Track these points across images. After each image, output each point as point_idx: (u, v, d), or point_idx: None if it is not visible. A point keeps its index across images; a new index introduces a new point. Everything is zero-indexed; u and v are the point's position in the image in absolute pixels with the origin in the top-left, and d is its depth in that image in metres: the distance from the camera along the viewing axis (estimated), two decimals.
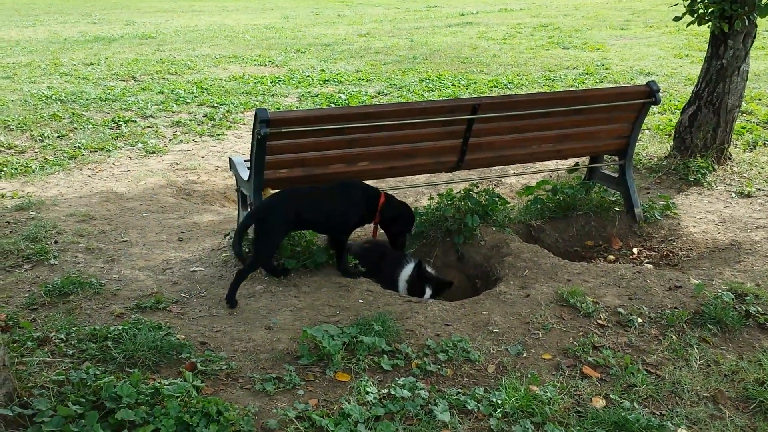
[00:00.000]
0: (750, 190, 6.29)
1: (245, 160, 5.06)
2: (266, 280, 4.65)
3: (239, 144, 8.41)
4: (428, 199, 5.85)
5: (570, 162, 6.63)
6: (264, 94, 10.92)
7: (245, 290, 4.55)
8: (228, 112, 9.81)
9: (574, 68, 12.56)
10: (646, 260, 5.36)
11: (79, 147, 7.96)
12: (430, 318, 4.19)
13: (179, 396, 3.22)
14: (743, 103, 7.37)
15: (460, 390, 3.52)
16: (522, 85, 11.33)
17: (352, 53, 14.84)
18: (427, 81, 11.64)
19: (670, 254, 5.38)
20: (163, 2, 28.47)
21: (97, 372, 3.42)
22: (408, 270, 4.86)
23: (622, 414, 3.31)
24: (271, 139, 4.51)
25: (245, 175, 4.90)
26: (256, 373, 3.62)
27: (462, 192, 5.55)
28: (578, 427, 3.24)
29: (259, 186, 4.74)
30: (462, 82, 11.50)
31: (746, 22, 6.38)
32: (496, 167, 6.69)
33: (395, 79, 11.93)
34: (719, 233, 5.53)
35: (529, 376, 3.64)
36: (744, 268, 4.90)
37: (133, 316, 4.14)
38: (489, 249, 5.27)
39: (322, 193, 4.67)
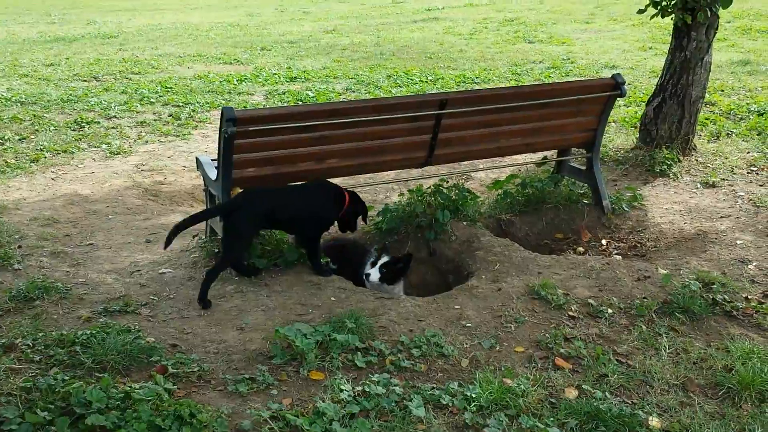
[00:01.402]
0: (714, 180, 6.38)
1: (212, 160, 5.01)
2: (237, 281, 4.61)
3: (206, 143, 8.33)
4: (398, 195, 5.85)
5: (538, 156, 6.67)
6: (230, 93, 10.83)
7: (216, 291, 4.50)
8: (194, 111, 9.72)
9: (540, 62, 12.64)
10: (615, 251, 5.41)
11: (41, 149, 7.82)
12: (402, 314, 4.19)
13: (150, 399, 3.17)
14: (707, 95, 7.48)
15: (434, 385, 3.52)
16: (489, 79, 11.37)
17: (319, 50, 14.79)
18: (395, 77, 11.64)
19: (638, 245, 5.44)
20: (125, 1, 28.10)
21: (66, 377, 3.37)
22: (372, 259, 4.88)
23: (595, 404, 3.33)
24: (238, 138, 4.47)
25: (213, 174, 4.85)
26: (228, 374, 3.59)
27: (432, 187, 5.56)
28: (552, 419, 3.26)
29: (228, 185, 4.70)
30: (429, 78, 11.52)
31: (708, 13, 6.46)
32: (465, 162, 6.70)
33: (363, 75, 11.91)
34: (685, 223, 5.60)
35: (503, 369, 3.66)
36: (710, 257, 4.97)
37: (101, 320, 4.08)
38: (460, 244, 5.28)
39: (294, 191, 4.67)
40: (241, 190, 4.89)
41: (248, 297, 4.42)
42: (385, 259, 4.79)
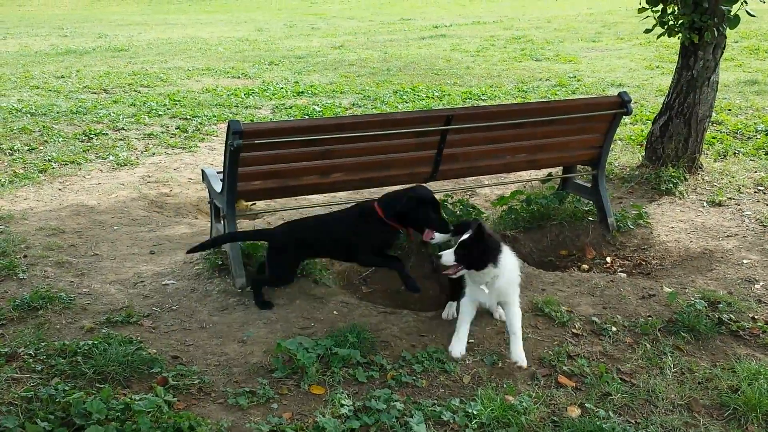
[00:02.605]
0: (721, 199, 6.36)
1: (218, 172, 5.03)
2: (239, 293, 4.60)
3: (212, 156, 8.35)
4: None
5: (544, 172, 6.66)
6: (237, 106, 10.86)
7: (218, 303, 4.50)
8: (201, 124, 9.74)
9: (546, 80, 12.66)
10: (620, 269, 5.39)
11: (49, 160, 7.85)
12: (405, 329, 4.18)
13: (150, 411, 3.17)
14: (713, 114, 7.46)
15: (435, 401, 3.50)
16: (495, 96, 11.39)
17: (326, 65, 14.84)
18: (401, 93, 11.66)
19: (643, 263, 5.41)
20: (135, 15, 28.31)
21: (67, 388, 3.37)
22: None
23: (598, 423, 3.31)
24: (244, 151, 4.48)
25: (218, 187, 4.87)
26: (229, 387, 3.58)
27: None
28: None
29: (233, 198, 4.71)
30: (436, 94, 11.54)
31: (716, 33, 6.46)
32: (470, 178, 6.69)
33: (369, 91, 11.94)
34: (691, 242, 5.58)
35: (505, 386, 3.64)
36: (716, 276, 4.94)
37: (104, 331, 4.07)
38: None
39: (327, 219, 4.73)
40: (245, 203, 4.90)
41: (250, 309, 4.41)
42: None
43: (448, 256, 3.84)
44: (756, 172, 7.02)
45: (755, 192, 6.53)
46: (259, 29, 22.75)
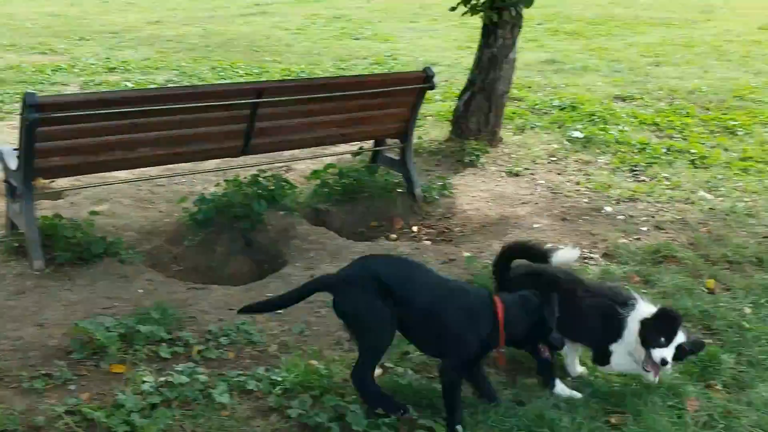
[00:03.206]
0: (518, 169, 6.80)
1: (15, 149, 4.76)
2: (37, 276, 4.40)
3: (14, 136, 7.80)
4: (215, 186, 5.79)
5: (357, 146, 6.83)
6: (43, 83, 10.22)
7: (14, 287, 4.30)
8: (2, 102, 9.10)
9: (364, 58, 12.87)
10: (425, 237, 5.64)
11: None
12: (213, 304, 4.19)
13: None
14: (516, 91, 7.93)
15: (240, 372, 3.54)
16: (314, 74, 11.44)
17: (141, 41, 14.26)
18: (219, 69, 11.44)
19: (447, 231, 5.71)
20: None
21: None
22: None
23: (396, 379, 3.50)
24: (41, 125, 4.29)
25: (13, 164, 4.61)
26: (24, 371, 3.45)
27: (249, 177, 5.55)
28: (354, 396, 3.37)
29: (29, 176, 4.49)
30: (255, 71, 11.42)
31: (513, 13, 6.87)
32: (287, 153, 6.73)
33: (186, 67, 11.62)
34: (490, 209, 5.94)
35: (310, 352, 3.74)
36: (510, 240, 5.30)
37: None
38: (276, 233, 5.32)
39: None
40: (43, 181, 4.67)
41: (50, 292, 4.24)
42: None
43: (667, 362, 3.30)
44: (550, 144, 7.55)
45: (548, 162, 7.05)
46: (71, 3, 21.40)
